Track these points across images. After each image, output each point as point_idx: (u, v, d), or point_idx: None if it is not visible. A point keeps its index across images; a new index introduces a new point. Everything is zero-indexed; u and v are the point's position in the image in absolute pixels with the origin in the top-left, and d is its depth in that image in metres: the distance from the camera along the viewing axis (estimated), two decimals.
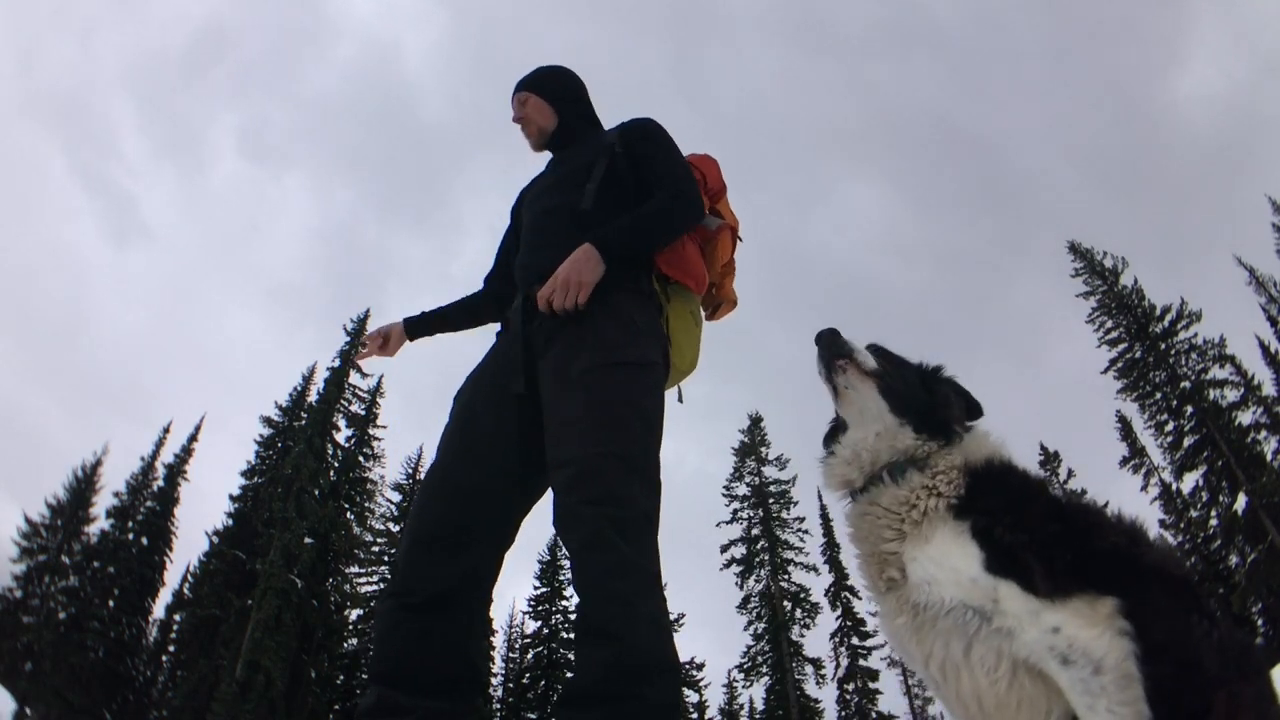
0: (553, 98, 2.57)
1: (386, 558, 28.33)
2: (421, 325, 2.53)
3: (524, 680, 29.31)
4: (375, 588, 27.83)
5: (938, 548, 1.45)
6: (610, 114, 2.61)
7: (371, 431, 28.95)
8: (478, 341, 2.44)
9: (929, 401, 1.69)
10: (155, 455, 29.54)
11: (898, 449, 1.62)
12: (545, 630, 29.67)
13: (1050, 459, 31.40)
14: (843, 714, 28.84)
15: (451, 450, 2.00)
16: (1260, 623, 23.07)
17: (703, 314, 2.42)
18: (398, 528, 29.05)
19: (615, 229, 2.08)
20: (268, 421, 29.24)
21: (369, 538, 28.56)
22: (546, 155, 2.62)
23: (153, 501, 28.72)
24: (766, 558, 31.02)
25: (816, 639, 39.05)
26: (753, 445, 33.80)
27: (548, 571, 30.56)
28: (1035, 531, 1.40)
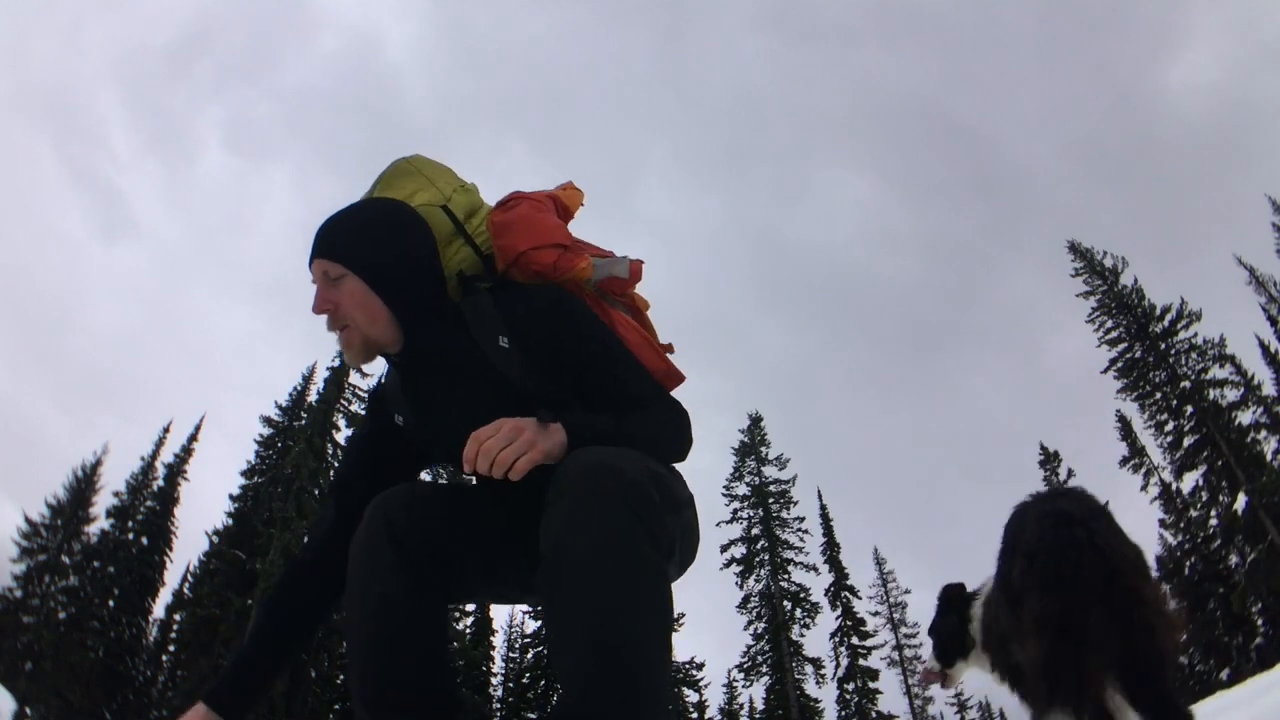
0: (383, 282, 1.55)
1: None
2: (239, 703, 1.57)
3: (524, 680, 29.33)
4: None
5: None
6: (596, 105, 2.13)
7: None
8: None
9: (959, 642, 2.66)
10: (155, 455, 29.57)
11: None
12: (545, 630, 29.64)
13: (1050, 459, 31.42)
14: (843, 714, 28.87)
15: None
16: (1260, 623, 23.07)
17: None
18: None
19: (591, 430, 1.42)
20: (268, 421, 29.27)
21: None
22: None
23: (153, 501, 28.74)
24: (766, 557, 31.04)
25: (816, 639, 39.15)
26: (753, 445, 33.82)
27: None
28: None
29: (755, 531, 31.67)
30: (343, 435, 28.36)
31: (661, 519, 1.32)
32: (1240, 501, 23.80)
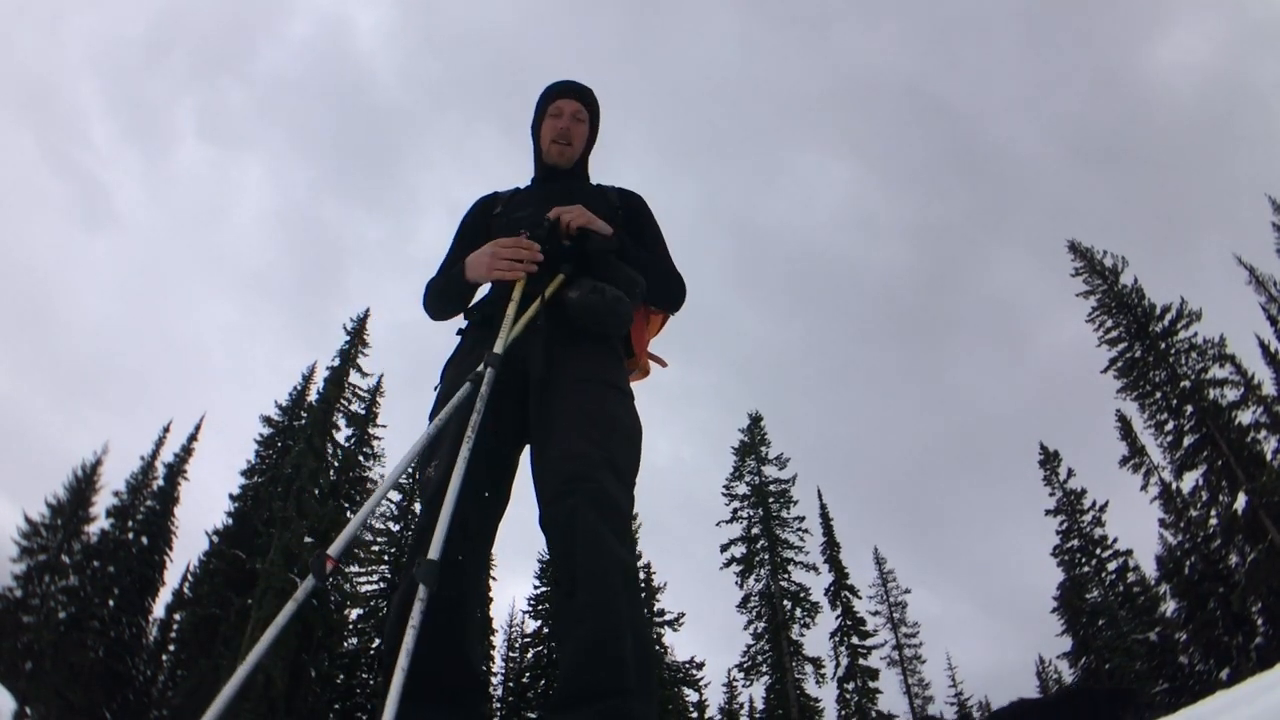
0: (593, 128, 2.42)
1: (387, 557, 28.35)
2: None
3: (524, 680, 29.33)
4: (375, 587, 27.85)
5: None
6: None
7: (371, 431, 28.96)
8: None
9: None
10: (155, 455, 29.59)
11: None
12: (545, 629, 29.68)
13: (1050, 458, 31.44)
14: (843, 713, 28.86)
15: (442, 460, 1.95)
16: (1260, 622, 23.07)
17: None
18: (398, 527, 29.08)
19: (634, 248, 2.18)
20: (268, 421, 29.27)
21: (369, 537, 28.56)
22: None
23: (153, 501, 28.74)
24: (766, 557, 31.03)
25: (816, 638, 39.12)
26: (752, 444, 33.82)
27: (548, 571, 30.57)
28: None
29: (755, 531, 31.67)
30: (343, 435, 28.40)
31: (629, 523, 1.74)
32: (1240, 501, 23.79)
